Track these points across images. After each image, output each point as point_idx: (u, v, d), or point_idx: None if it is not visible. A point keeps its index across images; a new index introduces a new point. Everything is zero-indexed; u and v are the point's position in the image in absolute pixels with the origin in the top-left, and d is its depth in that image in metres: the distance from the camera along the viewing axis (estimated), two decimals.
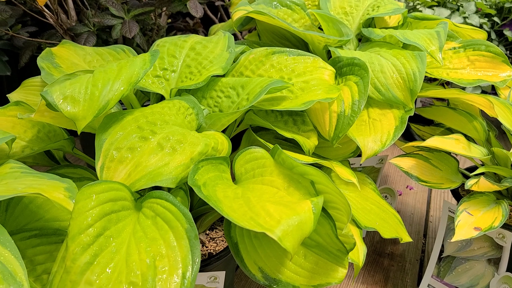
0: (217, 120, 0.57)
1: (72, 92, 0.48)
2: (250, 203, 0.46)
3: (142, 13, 0.93)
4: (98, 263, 0.41)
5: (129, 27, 0.87)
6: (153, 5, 0.94)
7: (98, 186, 0.44)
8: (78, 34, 0.95)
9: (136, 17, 0.93)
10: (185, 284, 0.41)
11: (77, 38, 0.95)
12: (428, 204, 1.18)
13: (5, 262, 0.38)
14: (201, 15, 0.88)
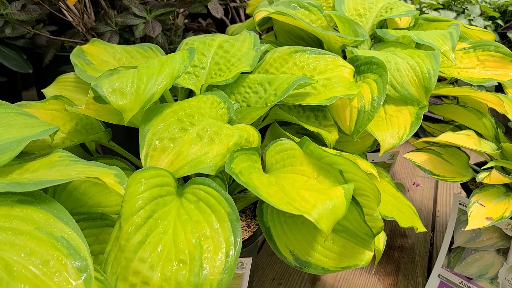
0: (247, 114, 0.61)
1: (120, 85, 0.52)
2: (285, 190, 0.50)
3: (163, 13, 0.97)
4: (149, 242, 0.45)
5: (152, 27, 0.90)
6: (174, 6, 0.97)
7: (147, 172, 0.47)
8: (101, 33, 0.99)
9: (158, 17, 0.97)
10: (228, 262, 0.45)
11: (100, 37, 0.98)
12: (434, 201, 1.21)
13: (69, 239, 0.41)
14: (222, 15, 0.91)
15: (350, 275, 0.93)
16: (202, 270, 0.44)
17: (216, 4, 0.92)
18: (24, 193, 0.43)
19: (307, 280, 0.91)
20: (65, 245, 0.40)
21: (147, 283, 0.43)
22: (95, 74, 0.70)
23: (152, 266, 0.44)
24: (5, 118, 0.55)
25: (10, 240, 0.39)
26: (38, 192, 0.44)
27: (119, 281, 0.44)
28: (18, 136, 0.51)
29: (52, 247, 0.40)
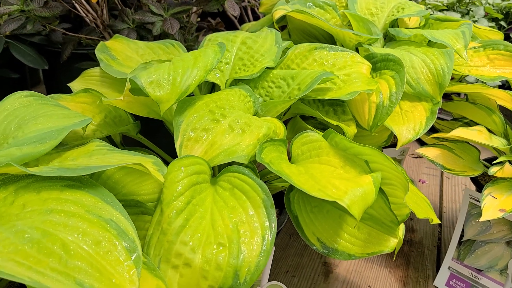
0: (272, 107, 0.63)
1: (157, 77, 0.54)
2: (315, 178, 0.52)
3: (180, 11, 0.99)
4: (190, 226, 0.47)
5: (171, 24, 0.92)
6: (191, 4, 0.99)
7: (186, 160, 0.49)
8: (118, 31, 1.01)
9: (174, 15, 0.99)
10: (264, 245, 0.47)
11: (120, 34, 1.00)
12: (440, 197, 1.24)
13: (117, 221, 0.43)
14: (238, 13, 0.94)
15: (361, 267, 0.96)
16: (240, 253, 0.46)
17: (232, 2, 0.94)
18: (72, 178, 0.45)
19: (320, 272, 0.93)
20: (114, 227, 0.42)
21: (189, 265, 0.45)
22: (120, 68, 0.72)
23: (193, 249, 0.46)
24: (43, 108, 0.57)
25: (63, 221, 0.41)
26: (84, 178, 0.46)
27: (162, 262, 0.46)
28: (57, 125, 0.53)
29: (103, 229, 0.42)
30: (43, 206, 0.42)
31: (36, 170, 0.43)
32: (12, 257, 0.36)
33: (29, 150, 0.49)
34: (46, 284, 0.35)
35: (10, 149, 0.50)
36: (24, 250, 0.37)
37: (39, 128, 0.52)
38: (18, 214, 0.41)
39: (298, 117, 0.70)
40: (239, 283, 0.45)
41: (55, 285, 0.35)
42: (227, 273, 0.45)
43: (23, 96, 0.58)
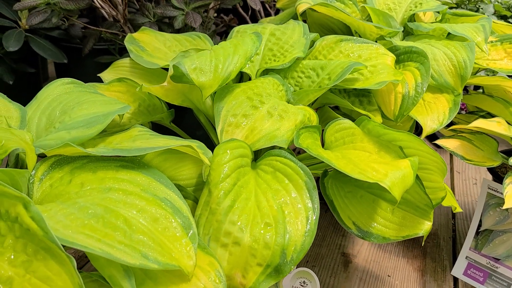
0: (304, 96, 0.65)
1: (199, 64, 0.55)
2: (354, 162, 0.54)
3: (201, 5, 1.00)
4: (237, 207, 0.48)
5: (193, 18, 0.94)
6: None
7: (231, 143, 0.51)
8: (139, 25, 1.02)
9: (195, 9, 1.00)
10: (308, 225, 0.49)
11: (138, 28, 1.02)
12: (452, 191, 1.26)
13: (171, 200, 0.44)
14: (260, 8, 0.95)
15: (380, 258, 0.97)
16: (286, 232, 0.48)
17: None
18: (125, 159, 0.47)
19: (339, 262, 0.95)
20: (169, 205, 0.44)
21: (238, 243, 0.47)
22: (150, 59, 0.74)
23: (242, 228, 0.47)
24: (84, 95, 0.59)
25: (122, 199, 0.42)
26: (136, 159, 0.47)
27: (211, 241, 0.47)
28: (102, 111, 0.55)
29: (159, 207, 0.43)
30: (101, 184, 0.43)
31: (93, 150, 0.45)
32: (81, 230, 0.37)
33: (78, 134, 0.51)
34: (117, 256, 0.36)
35: (60, 132, 0.51)
36: (90, 224, 0.38)
37: (84, 113, 0.54)
38: (78, 192, 0.43)
39: (327, 107, 0.72)
40: (286, 261, 0.47)
41: (124, 257, 0.37)
42: (274, 252, 0.47)
43: (64, 83, 0.59)
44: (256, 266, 0.47)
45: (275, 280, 0.47)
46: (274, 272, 0.47)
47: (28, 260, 0.35)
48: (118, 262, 0.37)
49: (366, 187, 0.60)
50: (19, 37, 1.08)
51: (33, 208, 0.34)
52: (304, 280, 0.72)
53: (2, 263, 0.35)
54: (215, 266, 0.44)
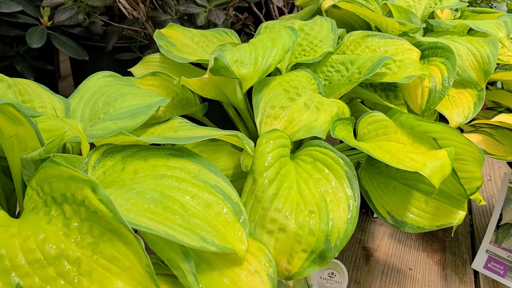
0: (336, 90, 0.66)
1: (240, 56, 0.57)
2: (391, 152, 0.55)
3: (222, 3, 1.01)
4: (281, 195, 0.50)
5: (217, 15, 0.95)
6: None
7: (274, 133, 0.52)
8: (161, 22, 1.04)
9: (217, 6, 1.02)
10: (350, 213, 0.50)
11: (160, 26, 1.03)
12: None
13: (221, 187, 0.46)
14: (282, 4, 0.96)
15: (400, 252, 0.98)
16: (329, 220, 0.49)
17: None
18: (174, 148, 0.48)
19: (360, 256, 0.96)
20: (220, 192, 0.45)
21: (283, 230, 0.48)
22: (180, 54, 0.75)
23: (287, 215, 0.48)
24: (124, 88, 0.60)
25: (175, 185, 0.44)
26: (184, 148, 0.49)
27: (258, 228, 0.49)
28: (144, 102, 0.56)
29: (210, 193, 0.44)
30: (153, 171, 0.45)
31: (145, 138, 0.46)
32: (142, 214, 0.39)
33: (123, 124, 0.52)
34: (180, 238, 0.37)
35: (106, 123, 0.52)
36: (151, 208, 0.39)
37: (128, 105, 0.55)
38: (132, 178, 0.44)
39: (355, 101, 0.73)
40: (330, 248, 0.48)
41: (186, 239, 0.38)
42: (319, 238, 0.48)
43: (104, 76, 0.61)
44: (301, 252, 0.48)
45: (319, 266, 0.48)
46: (319, 258, 0.48)
47: (95, 241, 0.36)
48: (178, 244, 0.38)
49: (399, 178, 0.62)
50: (42, 34, 1.09)
51: (101, 191, 0.35)
52: (332, 271, 0.74)
53: (70, 244, 0.36)
54: (264, 251, 0.45)
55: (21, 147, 0.41)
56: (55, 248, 0.36)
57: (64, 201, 0.38)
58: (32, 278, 0.35)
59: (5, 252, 0.35)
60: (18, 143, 0.41)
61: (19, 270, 0.35)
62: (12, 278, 0.35)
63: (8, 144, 0.41)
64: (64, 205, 0.38)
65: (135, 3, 1.06)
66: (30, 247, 0.36)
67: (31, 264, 0.35)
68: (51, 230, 0.37)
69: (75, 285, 0.35)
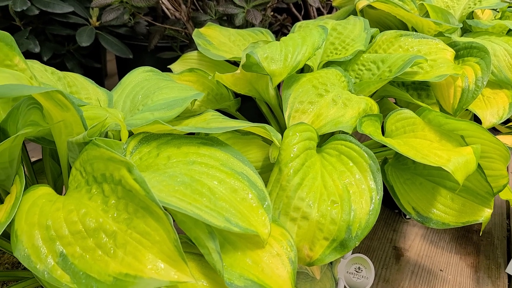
0: (366, 87, 0.67)
1: (270, 53, 0.59)
2: (416, 148, 0.56)
3: (260, 3, 1.05)
4: (305, 185, 0.52)
5: (254, 15, 0.98)
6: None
7: (300, 126, 0.55)
8: (201, 22, 1.08)
9: (255, 7, 1.05)
10: (372, 204, 0.51)
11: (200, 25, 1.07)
12: None
13: (247, 174, 0.49)
14: (318, 5, 0.98)
15: (432, 253, 0.98)
16: (351, 210, 0.51)
17: None
18: (205, 137, 0.51)
19: (391, 255, 0.96)
20: (246, 179, 0.48)
21: (306, 218, 0.50)
22: (217, 52, 0.79)
23: (310, 204, 0.51)
24: (162, 82, 0.64)
25: (204, 171, 0.47)
26: (215, 138, 0.52)
27: (281, 215, 0.51)
28: (180, 95, 0.60)
29: (237, 179, 0.47)
30: (185, 158, 0.48)
31: (178, 127, 0.50)
32: (173, 194, 0.42)
33: (160, 115, 0.56)
34: (206, 217, 0.40)
35: (144, 113, 0.56)
36: (180, 190, 0.43)
37: (165, 97, 0.59)
38: (165, 164, 0.48)
39: (386, 99, 0.74)
40: (351, 237, 0.50)
41: (211, 218, 0.41)
42: (340, 227, 0.50)
43: (145, 71, 0.65)
44: (323, 240, 0.50)
45: (340, 254, 0.50)
46: (340, 247, 0.50)
47: (129, 217, 0.40)
48: (204, 224, 0.42)
49: (425, 175, 0.62)
50: (90, 34, 1.16)
51: (136, 171, 0.39)
52: (359, 266, 0.75)
53: (107, 219, 0.40)
54: (286, 237, 0.47)
55: (67, 131, 0.46)
56: (94, 221, 0.40)
57: (103, 181, 0.42)
58: (74, 247, 0.39)
59: (51, 223, 0.40)
60: (65, 128, 0.45)
61: (63, 240, 0.39)
62: (56, 246, 0.39)
63: (56, 129, 0.46)
64: (103, 184, 0.42)
65: (177, 4, 1.11)
66: (73, 219, 0.40)
67: (73, 235, 0.39)
68: (92, 206, 0.41)
69: (111, 255, 0.39)
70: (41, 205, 0.41)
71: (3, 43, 0.44)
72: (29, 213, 0.40)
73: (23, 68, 0.46)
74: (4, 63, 0.45)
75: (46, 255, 0.38)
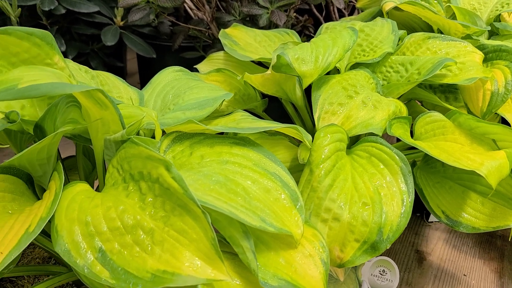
0: (394, 89, 0.67)
1: (301, 54, 0.60)
2: (448, 151, 0.56)
3: (285, 4, 1.05)
4: (336, 186, 0.52)
5: (278, 16, 0.98)
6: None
7: (331, 128, 0.55)
8: (224, 23, 1.08)
9: (279, 8, 1.05)
10: (404, 207, 0.51)
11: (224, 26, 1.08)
12: None
13: (280, 175, 0.49)
14: (344, 6, 0.98)
15: (455, 257, 0.97)
16: (382, 212, 0.51)
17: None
18: (237, 137, 0.52)
19: (413, 259, 0.96)
20: (278, 179, 0.48)
21: (337, 219, 0.50)
22: (243, 52, 0.79)
23: (341, 206, 0.51)
24: (191, 82, 0.65)
25: (238, 170, 0.47)
26: (246, 138, 0.52)
27: (312, 216, 0.51)
28: (210, 95, 0.60)
29: (269, 180, 0.47)
30: (218, 157, 0.48)
31: (212, 127, 0.50)
32: (208, 193, 0.42)
33: (192, 114, 0.56)
34: (241, 216, 0.41)
35: (175, 113, 0.57)
36: (216, 189, 0.43)
37: (196, 97, 0.60)
38: (199, 163, 0.48)
39: (414, 101, 0.74)
40: (382, 239, 0.50)
41: (247, 218, 0.41)
42: (372, 229, 0.50)
43: (175, 70, 0.66)
44: (354, 242, 0.50)
45: (371, 256, 0.50)
46: (371, 249, 0.50)
47: (166, 215, 0.40)
48: (239, 223, 0.42)
49: (455, 179, 0.62)
50: (115, 33, 1.18)
51: (174, 170, 0.40)
52: (383, 269, 0.75)
53: (145, 216, 0.41)
54: (318, 238, 0.47)
55: (104, 130, 0.47)
56: (132, 218, 0.40)
57: (140, 178, 0.42)
58: (112, 244, 0.40)
59: (91, 219, 0.40)
60: (102, 126, 0.46)
61: (102, 236, 0.40)
62: (95, 242, 0.40)
63: (94, 127, 0.47)
64: (141, 182, 0.42)
65: (201, 4, 1.12)
66: (111, 216, 0.40)
67: (111, 231, 0.40)
68: (129, 203, 0.41)
69: (149, 252, 0.39)
70: (80, 201, 0.42)
71: (44, 42, 0.45)
72: (68, 209, 0.41)
73: (62, 66, 0.47)
74: (45, 62, 0.46)
75: (86, 251, 0.39)
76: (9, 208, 0.45)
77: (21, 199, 0.47)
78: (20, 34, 0.44)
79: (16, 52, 0.44)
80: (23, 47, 0.44)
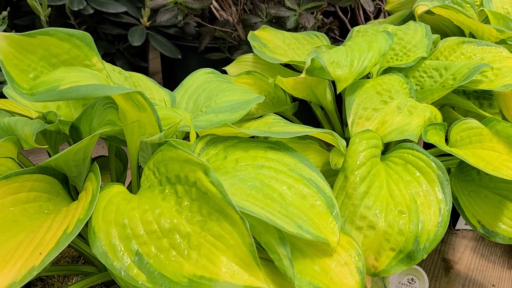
0: (429, 95, 0.66)
1: (336, 58, 0.59)
2: (485, 160, 0.54)
3: (312, 7, 1.04)
4: (371, 193, 0.51)
5: (307, 18, 0.98)
6: (323, 0, 1.04)
7: (367, 134, 0.54)
8: (251, 24, 1.08)
9: (307, 10, 1.04)
10: (441, 216, 0.50)
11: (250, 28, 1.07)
12: None
13: (315, 181, 0.48)
14: (373, 9, 0.97)
15: (483, 266, 0.95)
16: (419, 221, 0.49)
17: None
18: (271, 142, 0.51)
19: (440, 267, 0.94)
20: (314, 185, 0.47)
21: (373, 227, 0.49)
22: (272, 55, 0.78)
23: (377, 213, 0.50)
24: (223, 84, 0.64)
25: (273, 175, 0.47)
26: (281, 142, 0.51)
27: (347, 223, 0.50)
28: (242, 98, 0.60)
29: (305, 185, 0.47)
30: (253, 161, 0.48)
31: (246, 130, 0.49)
32: (245, 198, 0.42)
33: (224, 117, 0.56)
34: (279, 223, 0.40)
35: (208, 115, 0.57)
36: (252, 194, 0.43)
37: (228, 100, 0.59)
38: (234, 167, 0.48)
39: (447, 107, 0.72)
40: (419, 249, 0.48)
41: (284, 224, 0.40)
42: (408, 238, 0.49)
43: (206, 72, 0.66)
44: (389, 251, 0.49)
45: (406, 266, 0.49)
46: (406, 258, 0.49)
47: (203, 220, 0.40)
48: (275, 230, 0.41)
49: (491, 188, 0.60)
50: (142, 34, 1.18)
51: (212, 174, 0.39)
52: (412, 277, 0.73)
53: (181, 220, 0.40)
54: (354, 246, 0.46)
55: (140, 132, 0.46)
56: (169, 222, 0.40)
57: (177, 182, 0.42)
58: (149, 247, 0.39)
59: (128, 222, 0.40)
60: (139, 128, 0.46)
61: (139, 239, 0.40)
62: (132, 245, 0.39)
63: (130, 129, 0.47)
64: (177, 185, 0.42)
65: (227, 6, 1.12)
66: (148, 219, 0.40)
67: (148, 234, 0.40)
68: (166, 207, 0.41)
69: (185, 256, 0.39)
70: (116, 203, 0.42)
71: (83, 43, 0.46)
72: (105, 211, 0.41)
73: (100, 68, 0.47)
74: (84, 63, 0.46)
75: (123, 253, 0.39)
76: (45, 208, 0.45)
77: (56, 199, 0.47)
78: (61, 36, 0.44)
79: (56, 53, 0.44)
80: (64, 48, 0.44)
